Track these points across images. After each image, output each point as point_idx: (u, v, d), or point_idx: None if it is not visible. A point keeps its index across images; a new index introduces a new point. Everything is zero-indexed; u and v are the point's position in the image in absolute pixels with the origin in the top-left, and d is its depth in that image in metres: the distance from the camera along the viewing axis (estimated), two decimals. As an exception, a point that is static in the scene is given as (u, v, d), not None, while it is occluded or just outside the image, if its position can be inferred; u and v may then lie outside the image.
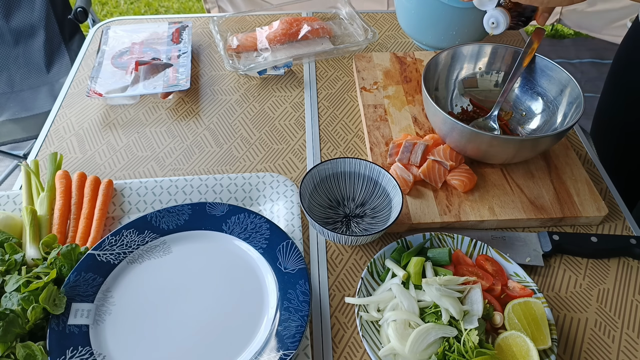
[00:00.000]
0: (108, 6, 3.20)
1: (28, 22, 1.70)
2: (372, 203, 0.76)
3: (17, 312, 0.56)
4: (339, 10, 1.18)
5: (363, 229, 0.74)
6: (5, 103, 1.68)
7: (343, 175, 0.76)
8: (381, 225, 0.72)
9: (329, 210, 0.76)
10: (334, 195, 0.77)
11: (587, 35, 2.77)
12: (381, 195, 0.75)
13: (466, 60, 0.90)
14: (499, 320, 0.62)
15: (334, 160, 0.75)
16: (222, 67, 1.07)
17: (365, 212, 0.76)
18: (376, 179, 0.75)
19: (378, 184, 0.75)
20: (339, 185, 0.77)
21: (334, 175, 0.76)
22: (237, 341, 0.61)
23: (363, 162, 0.75)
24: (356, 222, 0.75)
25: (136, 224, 0.71)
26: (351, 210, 0.77)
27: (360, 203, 0.77)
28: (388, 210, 0.73)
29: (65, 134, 0.91)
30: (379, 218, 0.74)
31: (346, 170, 0.76)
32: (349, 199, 0.77)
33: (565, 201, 0.77)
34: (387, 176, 0.73)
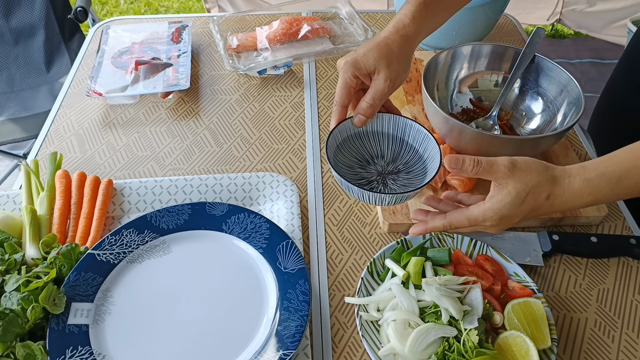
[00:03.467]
0: (108, 6, 3.20)
1: (28, 21, 1.70)
2: (403, 158, 0.70)
3: (16, 312, 0.56)
4: (339, 10, 1.18)
5: (402, 186, 0.66)
6: (5, 102, 1.68)
7: (367, 135, 0.70)
8: (419, 179, 0.66)
9: (360, 169, 0.68)
10: (360, 153, 0.69)
11: (587, 35, 2.77)
12: (411, 150, 0.69)
13: (466, 60, 0.90)
14: (498, 320, 0.62)
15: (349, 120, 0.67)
16: (222, 66, 1.07)
17: (398, 168, 0.69)
18: (402, 136, 0.69)
19: (404, 141, 0.69)
20: (364, 144, 0.70)
21: (358, 135, 0.69)
22: (237, 341, 0.61)
23: (386, 116, 0.68)
24: (392, 179, 0.68)
25: (136, 224, 0.71)
26: (383, 168, 0.69)
27: (390, 159, 0.70)
28: (421, 163, 0.68)
29: (65, 134, 0.91)
30: (414, 172, 0.68)
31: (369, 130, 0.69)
32: (377, 157, 0.70)
33: (565, 201, 0.77)
34: (416, 127, 0.67)
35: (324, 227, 0.77)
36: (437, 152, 0.64)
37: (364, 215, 0.78)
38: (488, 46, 0.89)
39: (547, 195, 0.55)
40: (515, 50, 0.87)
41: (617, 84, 1.09)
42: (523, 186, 0.55)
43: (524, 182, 0.55)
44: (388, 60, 0.63)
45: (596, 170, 0.55)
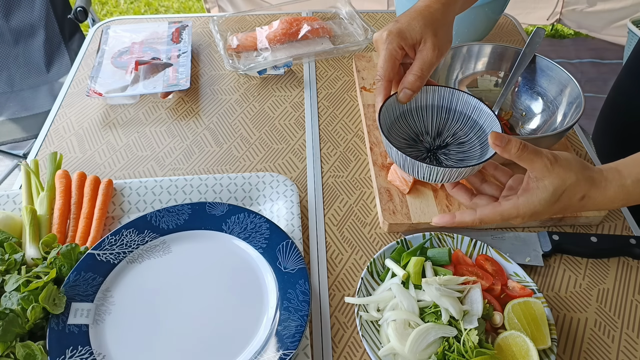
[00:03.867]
0: (108, 6, 3.20)
1: (28, 21, 1.70)
2: (449, 129, 0.67)
3: (16, 312, 0.56)
4: (339, 10, 1.18)
5: (458, 160, 0.64)
6: (5, 102, 1.68)
7: (410, 112, 0.66)
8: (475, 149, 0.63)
9: (409, 149, 0.65)
10: (406, 133, 0.67)
11: (587, 35, 2.77)
12: (459, 119, 0.66)
13: (466, 60, 0.90)
14: (498, 320, 0.62)
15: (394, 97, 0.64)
16: (222, 66, 1.07)
17: (446, 141, 0.66)
18: (448, 105, 0.66)
19: (451, 109, 0.66)
20: (408, 122, 0.67)
21: (403, 115, 0.66)
22: (237, 341, 0.61)
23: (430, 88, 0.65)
24: (444, 154, 0.65)
25: (136, 224, 0.71)
26: (431, 143, 0.66)
27: (436, 134, 0.67)
28: (474, 131, 0.65)
29: (65, 134, 0.91)
30: (467, 144, 0.65)
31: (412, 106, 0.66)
32: (422, 133, 0.67)
33: (565, 201, 0.77)
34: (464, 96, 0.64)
35: (324, 227, 0.77)
36: (494, 119, 0.60)
37: (364, 215, 0.78)
38: (488, 46, 0.89)
39: (582, 196, 0.54)
40: (515, 50, 0.87)
41: (624, 87, 1.07)
42: (560, 183, 0.53)
43: (562, 179, 0.53)
44: (434, 28, 0.61)
45: (631, 177, 0.54)
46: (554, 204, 0.54)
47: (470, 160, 0.63)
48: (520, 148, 0.52)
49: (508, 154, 0.53)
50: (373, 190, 0.81)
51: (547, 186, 0.53)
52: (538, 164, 0.53)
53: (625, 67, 1.07)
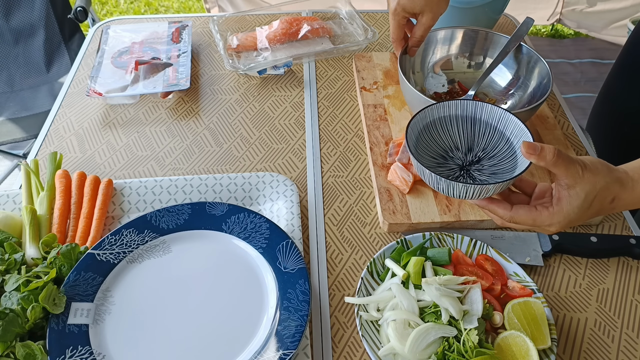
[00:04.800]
0: (108, 6, 3.20)
1: (28, 21, 1.70)
2: (479, 144, 0.66)
3: (16, 312, 0.56)
4: (339, 9, 1.18)
5: (491, 174, 0.62)
6: (5, 102, 1.68)
7: (435, 125, 0.66)
8: (506, 161, 0.62)
9: (440, 168, 0.65)
10: (434, 150, 0.66)
11: (587, 35, 2.77)
12: (486, 131, 0.66)
13: (440, 43, 0.93)
14: (498, 320, 0.62)
15: (423, 112, 0.64)
16: (222, 66, 1.07)
17: (477, 155, 0.65)
18: (473, 115, 0.65)
19: (477, 120, 0.66)
20: (434, 138, 0.66)
21: (426, 128, 0.66)
22: (237, 341, 0.61)
23: (453, 103, 0.65)
24: (477, 169, 0.64)
25: (136, 224, 0.71)
26: (463, 159, 0.65)
27: (467, 149, 0.66)
28: (502, 142, 0.64)
29: (65, 134, 0.91)
30: (497, 157, 0.64)
31: (436, 117, 0.66)
32: (452, 149, 0.66)
33: (565, 201, 0.77)
34: (486, 106, 0.64)
35: (324, 227, 0.77)
36: (523, 129, 0.59)
37: (364, 215, 0.78)
38: (460, 30, 0.92)
39: (612, 199, 0.54)
40: (486, 33, 0.91)
41: (615, 82, 1.10)
42: (591, 188, 0.53)
43: (592, 183, 0.53)
44: (431, 3, 0.78)
45: None
46: (587, 210, 0.54)
47: (503, 174, 0.62)
48: (555, 154, 0.52)
49: (544, 161, 0.52)
50: (373, 190, 0.81)
51: (579, 193, 0.53)
52: (572, 170, 0.52)
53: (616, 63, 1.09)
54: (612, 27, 2.63)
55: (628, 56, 1.05)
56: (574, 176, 0.53)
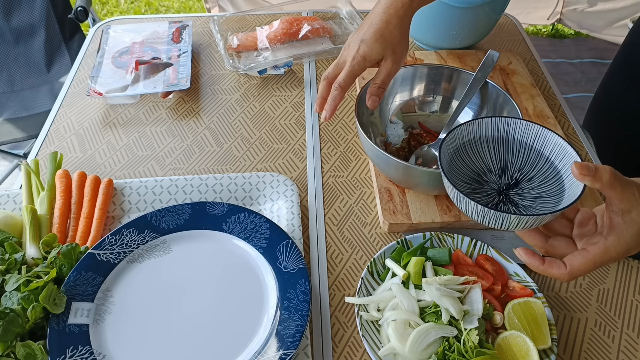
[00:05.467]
0: (108, 5, 3.20)
1: (28, 21, 1.70)
2: (514, 165, 0.61)
3: (17, 312, 0.56)
4: (340, 9, 1.18)
5: (535, 198, 0.57)
6: (5, 102, 1.68)
7: (464, 148, 0.61)
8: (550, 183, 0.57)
9: (477, 194, 0.59)
10: (467, 175, 0.61)
11: (587, 35, 2.77)
12: (520, 150, 0.61)
13: (399, 85, 0.86)
14: (499, 320, 0.62)
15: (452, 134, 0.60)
16: (223, 66, 1.07)
17: (514, 177, 0.60)
18: (505, 135, 0.61)
19: (509, 140, 0.61)
20: (465, 162, 0.61)
21: (457, 152, 0.61)
22: (237, 341, 0.61)
23: (483, 121, 0.61)
24: (517, 194, 0.59)
25: (136, 224, 0.71)
26: (498, 183, 0.60)
27: (500, 170, 0.61)
28: (545, 162, 0.58)
29: (66, 134, 0.91)
30: (536, 178, 0.59)
31: (466, 140, 0.61)
32: (485, 172, 0.61)
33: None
34: (519, 123, 0.59)
35: (324, 227, 0.77)
36: (566, 147, 0.54)
37: (364, 215, 0.78)
38: (424, 68, 0.85)
39: None
40: (453, 71, 0.84)
41: (612, 80, 1.10)
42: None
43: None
44: (393, 47, 0.70)
45: None
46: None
47: (549, 198, 0.57)
48: (612, 174, 0.46)
49: (599, 183, 0.46)
50: (373, 190, 0.81)
51: (635, 218, 0.47)
52: (628, 193, 0.47)
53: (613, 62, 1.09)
54: (612, 27, 2.63)
55: (625, 55, 1.05)
56: (630, 199, 0.47)
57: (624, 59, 1.06)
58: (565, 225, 0.55)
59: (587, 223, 0.54)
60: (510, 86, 0.97)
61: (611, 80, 1.11)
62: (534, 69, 1.07)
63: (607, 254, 0.49)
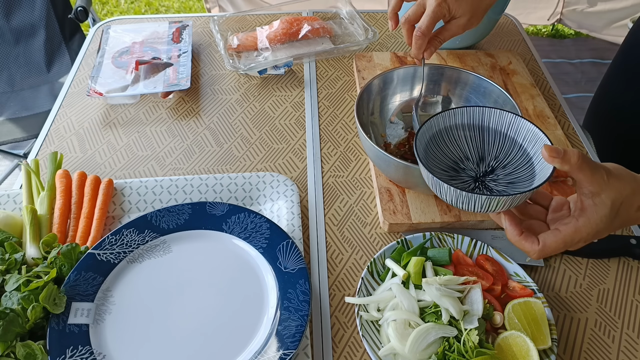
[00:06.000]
0: (108, 5, 3.20)
1: (28, 21, 1.70)
2: (490, 153, 0.63)
3: (17, 312, 0.56)
4: (340, 9, 1.18)
5: (508, 183, 0.59)
6: (5, 102, 1.68)
7: (441, 135, 0.63)
8: (522, 169, 0.59)
9: (453, 181, 0.61)
10: (444, 162, 0.63)
11: (587, 35, 2.77)
12: (496, 139, 0.62)
13: (400, 84, 0.86)
14: (499, 320, 0.62)
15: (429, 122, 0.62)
16: (223, 66, 1.07)
17: (491, 165, 0.62)
18: (481, 123, 0.62)
19: (484, 128, 0.63)
20: (442, 150, 0.63)
21: (433, 140, 0.63)
22: (237, 340, 0.61)
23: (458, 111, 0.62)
24: (492, 180, 0.60)
25: (136, 223, 0.71)
26: (475, 170, 0.62)
27: (478, 158, 0.63)
28: (518, 150, 0.60)
29: (66, 134, 0.91)
30: (511, 165, 0.61)
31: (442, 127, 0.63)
32: (462, 160, 0.63)
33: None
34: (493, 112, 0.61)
35: (324, 227, 0.77)
36: (538, 134, 0.56)
37: (364, 215, 0.78)
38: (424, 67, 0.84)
39: (638, 207, 0.51)
40: (454, 71, 0.84)
41: (611, 80, 1.10)
42: (617, 195, 0.49)
43: (619, 191, 0.49)
44: (473, 11, 0.72)
45: None
46: (614, 219, 0.50)
47: (521, 183, 0.58)
48: (580, 157, 0.48)
49: (568, 165, 0.49)
50: (373, 190, 0.81)
51: (605, 200, 0.49)
52: (597, 176, 0.49)
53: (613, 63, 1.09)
54: (612, 27, 2.63)
55: (625, 56, 1.05)
56: (599, 182, 0.49)
57: (624, 59, 1.06)
58: (540, 211, 0.57)
59: (560, 209, 0.56)
60: (511, 86, 0.97)
61: (610, 81, 1.11)
62: (534, 69, 1.07)
63: (578, 234, 0.51)
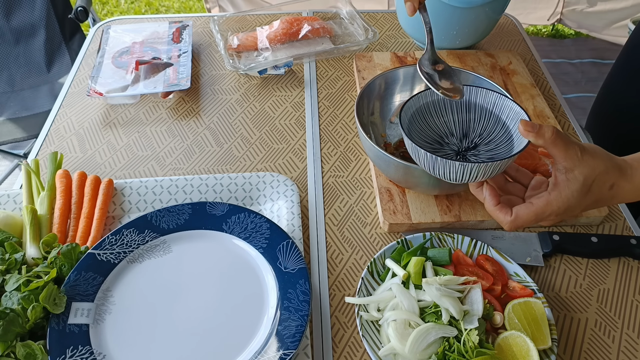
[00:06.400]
0: (108, 5, 3.20)
1: (29, 21, 1.70)
2: (475, 130, 0.65)
3: (17, 311, 0.56)
4: (340, 9, 1.18)
5: (489, 158, 0.60)
6: (5, 102, 1.68)
7: (428, 109, 0.65)
8: (503, 146, 0.61)
9: (435, 153, 0.59)
10: (429, 135, 0.64)
11: (587, 35, 2.77)
12: (482, 116, 0.64)
13: (400, 84, 0.86)
14: (499, 320, 0.62)
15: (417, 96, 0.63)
16: (223, 66, 1.07)
17: (474, 141, 0.64)
18: (468, 100, 0.64)
19: (472, 105, 0.64)
20: (429, 123, 0.65)
21: (420, 112, 0.64)
22: (237, 341, 0.61)
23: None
24: (474, 155, 0.62)
25: (136, 223, 0.71)
26: (458, 145, 0.64)
27: (462, 134, 0.65)
28: (498, 127, 0.62)
29: (66, 134, 0.91)
30: (494, 142, 0.63)
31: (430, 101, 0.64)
32: (447, 135, 0.65)
33: (566, 201, 0.77)
34: (483, 92, 0.63)
35: (324, 227, 0.77)
36: (520, 112, 0.58)
37: (365, 215, 0.78)
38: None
39: (611, 185, 0.52)
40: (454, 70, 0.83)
41: (614, 82, 1.10)
42: (590, 172, 0.51)
43: (592, 167, 0.51)
44: None
45: None
46: (585, 195, 0.52)
47: (499, 157, 0.60)
48: (554, 133, 0.50)
49: (542, 139, 0.51)
50: (373, 190, 0.81)
51: (577, 176, 0.51)
52: (570, 152, 0.51)
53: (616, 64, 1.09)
54: (612, 27, 2.63)
55: (628, 57, 1.05)
56: (573, 158, 0.51)
57: (626, 60, 1.06)
58: (520, 188, 0.59)
59: (539, 187, 0.57)
60: (511, 86, 0.97)
61: (613, 82, 1.11)
62: (534, 69, 1.07)
63: (549, 207, 0.53)
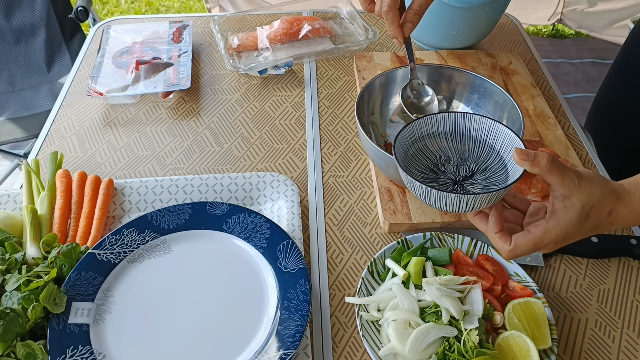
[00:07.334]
0: (109, 5, 3.20)
1: (29, 21, 1.70)
2: (471, 157, 0.63)
3: (17, 311, 0.57)
4: (340, 9, 1.18)
5: (484, 187, 0.59)
6: (5, 102, 1.68)
7: (424, 140, 0.64)
8: (499, 173, 0.60)
9: (432, 182, 0.61)
10: (424, 164, 0.63)
11: (587, 35, 2.77)
12: (476, 144, 0.63)
13: (400, 84, 0.84)
14: (499, 320, 0.62)
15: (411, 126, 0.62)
16: (223, 66, 1.07)
17: (470, 170, 0.62)
18: (462, 130, 0.63)
19: (465, 135, 0.63)
20: (424, 152, 0.64)
21: (415, 143, 0.64)
22: (237, 340, 0.61)
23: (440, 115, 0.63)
24: (471, 183, 0.61)
25: (136, 223, 0.71)
26: (455, 174, 0.62)
27: (459, 162, 0.63)
28: (495, 155, 0.61)
29: (66, 133, 0.91)
30: (489, 169, 0.61)
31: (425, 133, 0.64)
32: (443, 163, 0.63)
33: (566, 201, 0.77)
34: (477, 118, 0.62)
35: (325, 227, 0.77)
36: (514, 139, 0.57)
37: (365, 215, 0.78)
38: (424, 67, 0.85)
39: (609, 212, 0.51)
40: (454, 71, 0.84)
41: (613, 82, 1.10)
42: (588, 199, 0.50)
43: (589, 194, 0.50)
44: None
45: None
46: (584, 223, 0.51)
47: (495, 186, 0.59)
48: (550, 160, 0.50)
49: (538, 167, 0.50)
50: (374, 190, 0.81)
51: (575, 203, 0.50)
52: (567, 179, 0.50)
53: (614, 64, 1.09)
54: (613, 27, 2.63)
55: (626, 57, 1.05)
56: (569, 185, 0.50)
57: (624, 60, 1.06)
58: (518, 215, 0.58)
59: (537, 213, 0.57)
60: (511, 86, 0.97)
61: (611, 82, 1.11)
62: (534, 69, 1.07)
63: (547, 235, 0.52)
